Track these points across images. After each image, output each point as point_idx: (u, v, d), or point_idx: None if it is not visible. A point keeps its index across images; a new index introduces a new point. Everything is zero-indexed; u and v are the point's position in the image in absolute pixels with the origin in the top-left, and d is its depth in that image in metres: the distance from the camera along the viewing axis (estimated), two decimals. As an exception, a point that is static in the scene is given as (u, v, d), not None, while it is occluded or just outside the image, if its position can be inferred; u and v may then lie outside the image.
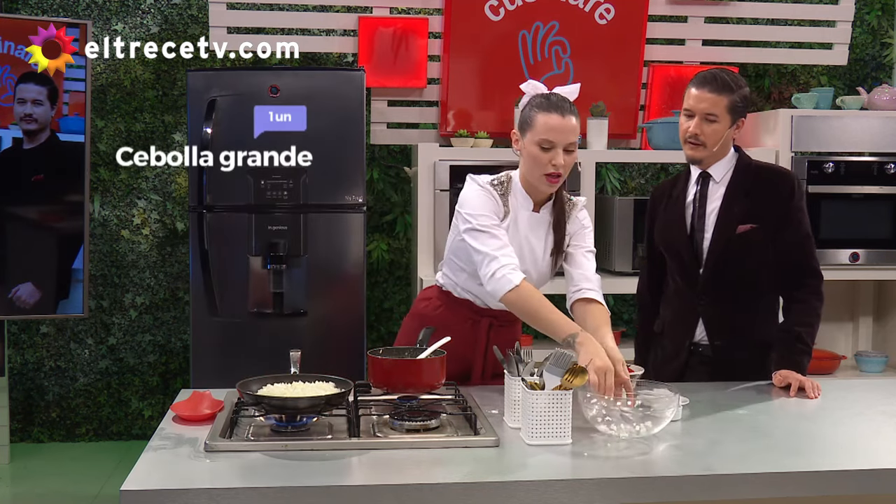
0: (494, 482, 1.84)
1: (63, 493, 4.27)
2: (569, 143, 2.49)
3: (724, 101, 2.68)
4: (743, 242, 2.74)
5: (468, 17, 4.50)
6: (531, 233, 2.59)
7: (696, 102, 2.70)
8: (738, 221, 2.74)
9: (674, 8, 4.75)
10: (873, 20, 5.23)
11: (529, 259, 2.59)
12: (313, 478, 1.85)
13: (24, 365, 4.90)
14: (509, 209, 2.56)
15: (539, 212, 2.61)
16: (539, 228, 2.60)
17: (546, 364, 2.10)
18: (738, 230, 2.74)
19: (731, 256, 2.76)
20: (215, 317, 4.01)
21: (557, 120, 2.48)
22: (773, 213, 2.74)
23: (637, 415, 2.12)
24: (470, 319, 2.66)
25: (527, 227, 2.59)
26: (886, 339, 4.86)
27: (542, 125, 2.48)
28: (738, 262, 2.77)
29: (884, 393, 2.69)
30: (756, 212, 2.74)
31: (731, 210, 2.75)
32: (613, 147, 4.57)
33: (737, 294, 2.79)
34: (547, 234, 2.61)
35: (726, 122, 2.71)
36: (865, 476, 1.95)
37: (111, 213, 4.88)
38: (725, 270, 2.77)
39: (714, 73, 2.74)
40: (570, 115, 2.51)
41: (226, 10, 4.46)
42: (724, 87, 2.68)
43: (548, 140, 2.47)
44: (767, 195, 2.75)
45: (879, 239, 4.46)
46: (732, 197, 2.76)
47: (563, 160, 2.48)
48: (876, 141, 4.47)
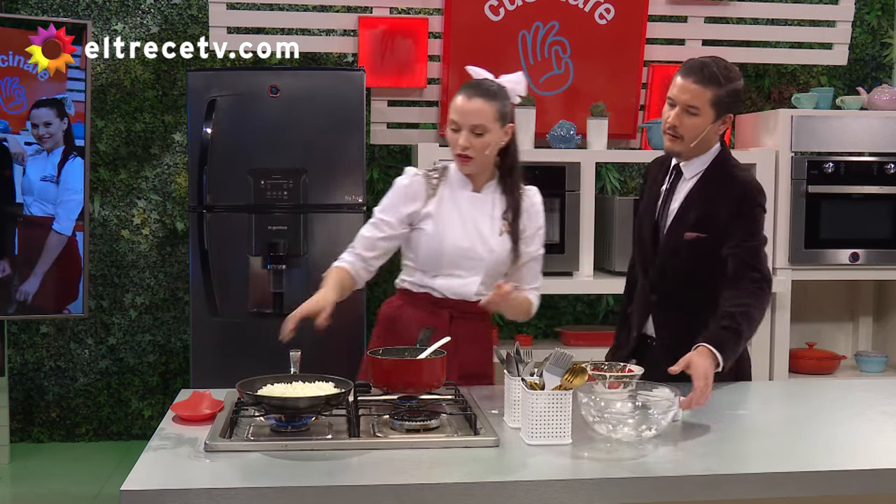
0: (494, 482, 1.84)
1: (63, 493, 4.27)
2: (473, 125, 2.54)
3: (709, 94, 2.52)
4: (692, 249, 2.63)
5: (468, 17, 4.50)
6: (474, 212, 2.64)
7: (678, 92, 2.56)
8: (689, 227, 2.62)
9: (674, 8, 4.74)
10: (873, 20, 5.23)
11: (475, 236, 2.63)
12: (313, 478, 1.85)
13: (24, 365, 4.90)
14: (437, 194, 2.64)
15: (481, 192, 2.67)
16: (482, 207, 2.65)
17: (546, 364, 2.09)
18: (686, 237, 2.62)
19: (681, 259, 2.65)
20: (215, 317, 4.01)
21: (463, 102, 2.56)
22: (724, 223, 2.58)
23: (636, 418, 2.11)
24: (431, 312, 2.66)
25: (468, 206, 2.65)
26: (886, 339, 4.86)
27: (452, 107, 2.60)
28: (688, 265, 2.65)
29: (884, 393, 2.69)
30: (709, 220, 2.60)
31: (687, 214, 2.64)
32: (613, 147, 4.57)
33: (686, 294, 2.67)
34: (492, 214, 2.65)
35: (709, 117, 2.55)
36: (865, 476, 1.95)
37: (111, 213, 4.88)
38: (674, 271, 2.67)
39: (704, 62, 2.56)
40: (480, 98, 2.55)
41: (226, 10, 4.46)
42: (710, 79, 2.52)
43: (453, 121, 2.58)
44: (722, 205, 2.59)
45: (879, 239, 4.46)
46: (693, 200, 2.64)
47: (467, 142, 2.54)
48: (876, 141, 4.47)
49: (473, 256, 2.62)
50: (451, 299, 2.65)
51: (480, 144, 2.56)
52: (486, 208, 2.66)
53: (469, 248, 2.62)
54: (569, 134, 4.38)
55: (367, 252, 2.67)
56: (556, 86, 4.63)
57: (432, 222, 2.63)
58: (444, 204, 2.65)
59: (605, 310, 5.03)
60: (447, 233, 2.62)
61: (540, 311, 4.95)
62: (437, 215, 2.63)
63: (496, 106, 2.56)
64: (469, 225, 2.62)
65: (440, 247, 2.62)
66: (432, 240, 2.63)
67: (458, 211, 2.64)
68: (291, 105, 4.04)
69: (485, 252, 2.63)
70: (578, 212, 4.29)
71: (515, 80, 2.65)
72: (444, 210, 2.64)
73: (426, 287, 2.68)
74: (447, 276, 2.64)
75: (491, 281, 2.63)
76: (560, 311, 5.07)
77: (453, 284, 2.64)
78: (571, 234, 4.29)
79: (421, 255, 2.66)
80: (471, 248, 2.62)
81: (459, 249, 2.62)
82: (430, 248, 2.63)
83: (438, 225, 2.63)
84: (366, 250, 2.67)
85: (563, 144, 4.37)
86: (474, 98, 2.55)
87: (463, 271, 2.63)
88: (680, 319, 2.66)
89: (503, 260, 2.65)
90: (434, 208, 2.64)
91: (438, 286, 2.65)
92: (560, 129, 4.38)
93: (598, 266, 4.38)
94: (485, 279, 2.64)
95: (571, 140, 4.38)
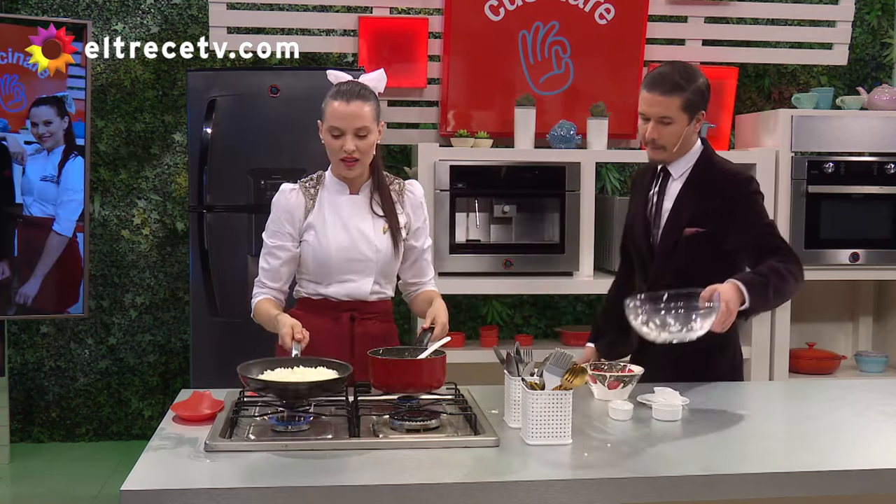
0: (494, 482, 1.84)
1: (63, 493, 4.27)
2: (356, 128, 2.55)
3: (677, 101, 2.60)
4: (691, 244, 2.66)
5: (468, 17, 4.50)
6: (354, 214, 2.65)
7: (648, 107, 2.64)
8: (685, 224, 2.66)
9: (674, 8, 4.75)
10: (873, 20, 5.23)
11: (360, 238, 2.63)
12: (313, 478, 1.85)
13: (24, 365, 4.90)
14: (316, 203, 2.65)
15: (358, 193, 2.68)
16: (361, 208, 2.67)
17: (546, 364, 2.10)
18: (685, 233, 2.66)
19: (680, 256, 2.68)
20: (215, 317, 4.01)
21: (342, 107, 2.55)
22: (723, 216, 2.62)
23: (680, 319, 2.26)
24: (331, 316, 2.65)
25: (348, 209, 2.66)
26: (886, 339, 4.86)
27: (330, 113, 2.58)
28: (687, 263, 2.67)
29: (884, 393, 2.69)
30: (706, 215, 2.64)
31: (682, 211, 2.68)
32: (613, 147, 4.57)
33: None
34: (372, 214, 2.66)
35: (683, 122, 2.62)
36: (865, 476, 1.95)
37: (111, 213, 4.88)
38: (674, 269, 2.67)
39: (662, 72, 2.64)
40: (357, 100, 2.55)
41: (226, 10, 4.46)
42: (673, 87, 2.60)
43: (335, 127, 2.57)
44: (719, 198, 2.64)
45: (879, 239, 4.46)
46: (685, 198, 2.68)
47: (353, 145, 2.55)
48: (876, 141, 4.47)
49: (360, 258, 2.63)
50: (349, 301, 2.65)
51: (365, 146, 2.58)
52: (365, 208, 2.66)
53: (354, 250, 2.62)
54: (569, 134, 4.38)
55: (275, 283, 2.69)
56: (556, 86, 4.63)
57: (314, 232, 2.64)
58: (324, 211, 2.65)
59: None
60: (331, 239, 2.62)
61: (540, 311, 5.05)
62: (318, 224, 2.64)
63: (373, 105, 2.58)
64: (351, 228, 2.63)
65: (327, 255, 2.62)
66: (317, 249, 2.63)
67: (338, 216, 2.64)
68: (291, 105, 4.03)
69: (370, 252, 2.63)
70: (578, 212, 4.29)
71: (377, 77, 2.65)
72: (324, 217, 2.64)
73: (322, 295, 2.67)
74: (340, 283, 2.64)
75: (384, 280, 2.68)
76: (560, 311, 5.07)
77: (348, 288, 2.65)
78: (571, 234, 4.29)
79: (310, 266, 2.66)
80: (356, 250, 2.62)
81: (345, 252, 2.62)
82: (317, 258, 2.63)
83: (320, 233, 2.63)
84: (273, 281, 2.69)
85: (563, 144, 4.37)
86: (353, 101, 2.55)
87: (354, 275, 2.64)
88: None
89: (390, 258, 2.67)
90: (314, 218, 2.65)
91: (333, 293, 2.65)
92: (560, 129, 4.38)
93: (598, 266, 4.38)
94: (377, 278, 2.66)
95: (571, 140, 4.38)
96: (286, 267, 2.67)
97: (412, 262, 2.75)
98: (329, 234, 2.62)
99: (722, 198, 2.63)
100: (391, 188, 2.70)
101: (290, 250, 2.66)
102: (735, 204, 2.63)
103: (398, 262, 2.71)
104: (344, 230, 2.63)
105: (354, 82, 2.60)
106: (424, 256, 2.77)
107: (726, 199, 2.63)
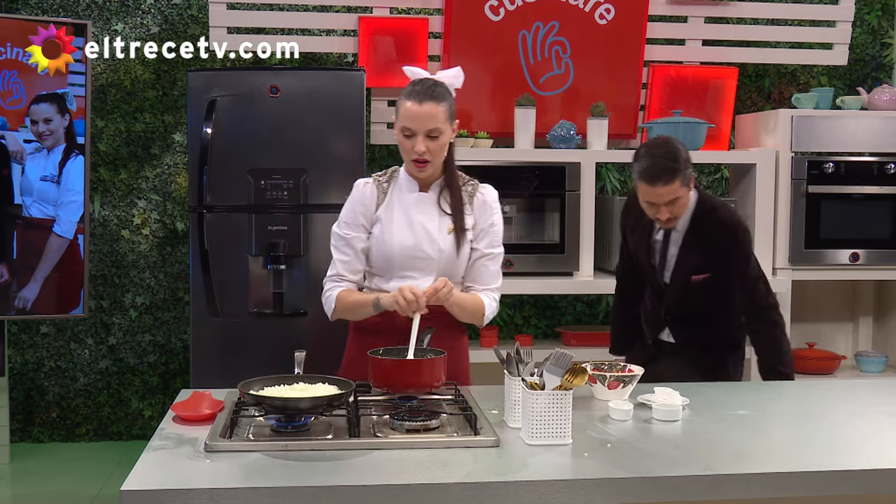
0: (494, 482, 1.84)
1: (63, 493, 4.27)
2: (428, 129, 2.54)
3: (678, 183, 2.85)
4: (699, 288, 3.01)
5: (468, 17, 4.50)
6: (420, 212, 2.64)
7: (657, 198, 2.88)
8: (692, 271, 3.00)
9: (674, 8, 4.75)
10: (873, 20, 5.23)
11: (424, 236, 2.62)
12: (313, 478, 1.85)
13: (24, 365, 4.90)
14: (387, 196, 2.67)
15: (428, 191, 2.67)
16: (428, 207, 2.65)
17: (546, 364, 2.10)
18: (693, 279, 3.00)
19: (689, 300, 3.04)
20: (215, 317, 4.01)
21: (415, 108, 2.54)
22: (722, 264, 2.99)
23: None
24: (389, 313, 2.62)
25: (416, 207, 2.65)
26: (886, 339, 4.86)
27: (403, 113, 2.57)
28: (697, 300, 3.04)
29: (884, 393, 2.69)
30: (708, 262, 2.99)
31: (687, 260, 3.00)
32: (613, 147, 4.57)
33: (699, 319, 3.08)
34: (439, 213, 2.64)
35: (687, 195, 2.92)
36: (865, 476, 1.95)
37: (111, 213, 4.88)
38: (685, 305, 3.06)
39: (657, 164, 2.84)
40: (431, 101, 2.54)
41: (226, 10, 4.46)
42: (671, 174, 2.84)
43: (407, 128, 2.56)
44: (716, 248, 2.98)
45: (879, 239, 4.46)
46: (688, 248, 3.01)
47: (423, 146, 2.54)
48: (876, 141, 4.47)
49: (423, 256, 2.62)
50: None
51: (437, 147, 2.57)
52: (433, 207, 2.65)
53: (417, 248, 2.61)
54: (569, 134, 4.38)
55: (354, 275, 2.68)
56: (556, 86, 4.63)
57: (381, 226, 2.64)
58: (393, 206, 2.66)
59: (605, 310, 5.03)
60: (394, 235, 2.62)
61: (540, 311, 5.04)
62: (385, 219, 2.64)
63: (446, 106, 2.57)
64: (416, 225, 2.62)
65: (389, 249, 2.62)
66: (381, 243, 2.63)
67: (405, 212, 2.64)
68: (291, 105, 4.03)
69: (433, 251, 2.62)
70: (578, 212, 4.29)
71: (453, 74, 2.66)
72: (391, 213, 2.65)
73: (383, 290, 2.66)
74: (400, 279, 2.63)
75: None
76: (560, 311, 5.07)
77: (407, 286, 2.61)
78: (571, 234, 4.30)
79: (373, 259, 2.67)
80: (419, 248, 2.61)
81: (407, 250, 2.61)
82: (381, 252, 2.64)
83: (386, 228, 2.63)
84: (353, 274, 2.67)
85: (563, 144, 4.37)
86: (426, 102, 2.53)
87: (415, 272, 2.62)
88: (697, 327, 3.10)
89: (453, 259, 2.64)
90: (383, 212, 2.65)
91: (393, 288, 2.63)
92: (560, 129, 4.38)
93: (598, 266, 4.38)
94: (439, 278, 2.62)
95: (571, 140, 4.38)
96: (361, 259, 2.67)
97: (471, 264, 2.69)
98: (394, 230, 2.62)
99: (719, 248, 2.98)
100: (464, 189, 2.68)
101: (364, 241, 2.66)
102: (734, 256, 3.00)
103: (462, 263, 2.66)
104: (409, 227, 2.62)
105: (429, 80, 2.59)
106: (485, 262, 2.68)
107: (723, 249, 2.99)
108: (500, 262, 2.71)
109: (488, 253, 2.68)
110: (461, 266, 2.66)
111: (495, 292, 2.71)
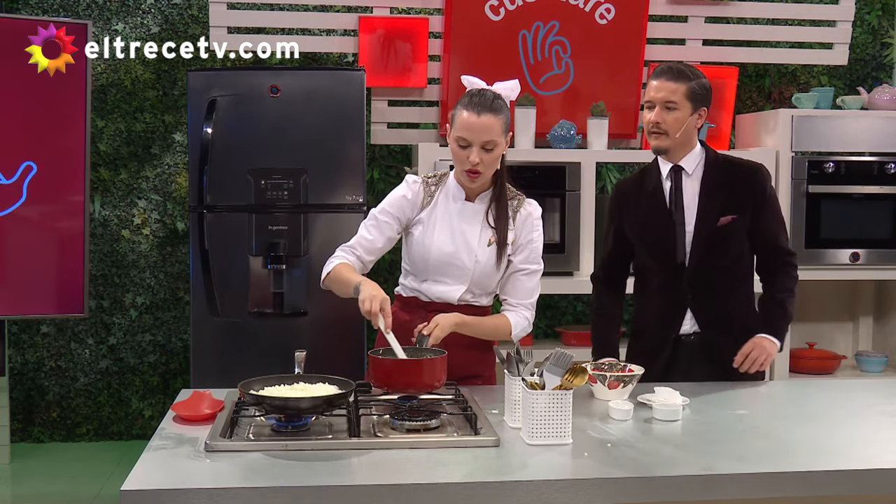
0: (494, 482, 1.84)
1: (63, 493, 4.27)
2: (484, 141, 2.53)
3: (683, 87, 2.73)
4: (724, 234, 2.80)
5: (468, 17, 4.50)
6: (463, 221, 2.64)
7: (655, 93, 2.76)
8: (718, 214, 2.79)
9: (674, 8, 4.75)
10: (873, 20, 5.23)
11: (462, 246, 2.63)
12: (313, 478, 1.85)
13: (25, 365, 4.90)
14: (432, 200, 2.67)
15: (474, 202, 2.67)
16: (472, 217, 2.65)
17: (546, 364, 2.10)
18: (720, 222, 2.79)
19: (714, 248, 2.80)
20: (215, 317, 4.01)
21: (472, 119, 2.52)
22: (751, 204, 2.80)
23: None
24: (420, 315, 2.66)
25: (458, 215, 2.65)
26: (886, 339, 4.86)
27: (460, 123, 2.55)
28: (721, 254, 2.81)
29: (884, 393, 2.69)
30: (734, 204, 2.79)
31: (711, 203, 2.80)
32: (613, 147, 4.57)
33: (720, 284, 2.83)
34: (482, 224, 2.64)
35: (687, 110, 2.75)
36: (865, 476, 1.95)
37: (111, 213, 4.88)
38: (709, 262, 2.81)
39: (670, 64, 2.82)
40: (488, 113, 2.52)
41: (226, 10, 4.46)
42: (680, 75, 2.75)
43: (462, 138, 2.54)
44: (743, 188, 2.81)
45: (879, 239, 4.46)
46: (709, 190, 2.81)
47: (478, 158, 2.53)
48: (876, 141, 4.47)
49: (458, 265, 2.63)
50: (437, 303, 2.66)
51: (490, 159, 2.56)
52: (477, 218, 2.66)
53: (454, 256, 2.62)
54: (569, 134, 4.38)
55: (369, 255, 2.70)
56: (556, 86, 4.63)
57: (422, 228, 2.66)
58: (437, 211, 2.67)
59: (606, 310, 5.02)
60: (434, 240, 2.63)
61: (540, 311, 5.02)
62: (427, 221, 2.66)
63: (502, 119, 2.56)
64: (457, 233, 2.63)
65: (426, 252, 2.64)
66: (420, 246, 2.65)
67: (448, 219, 2.65)
68: (291, 105, 4.03)
69: (469, 262, 2.63)
70: (578, 212, 4.29)
71: (511, 87, 2.62)
72: (435, 217, 2.66)
73: (415, 291, 2.70)
74: (434, 282, 2.66)
75: (478, 290, 2.66)
76: (560, 311, 5.07)
77: (439, 290, 2.66)
78: (571, 234, 4.29)
79: (411, 258, 2.69)
80: (456, 256, 2.62)
81: (445, 256, 2.62)
82: (418, 254, 2.66)
83: (427, 231, 2.65)
84: (368, 254, 2.69)
85: (563, 144, 4.37)
86: (484, 114, 2.52)
87: (449, 279, 2.64)
88: (719, 307, 2.84)
89: (489, 271, 2.65)
90: (426, 215, 2.66)
91: (424, 290, 2.67)
92: (560, 129, 4.38)
93: (598, 266, 4.37)
94: (471, 288, 2.65)
95: (572, 140, 4.38)
96: (383, 245, 2.69)
97: (506, 277, 2.69)
98: (435, 235, 2.63)
99: (746, 187, 2.81)
100: (509, 203, 2.67)
101: (395, 232, 2.68)
102: (762, 195, 2.82)
103: (499, 275, 2.67)
104: (449, 235, 2.63)
105: (488, 92, 2.57)
106: (520, 276, 2.68)
107: (750, 189, 2.81)
108: (538, 279, 2.70)
109: (524, 268, 2.68)
110: (497, 278, 2.68)
111: (529, 309, 2.71)
